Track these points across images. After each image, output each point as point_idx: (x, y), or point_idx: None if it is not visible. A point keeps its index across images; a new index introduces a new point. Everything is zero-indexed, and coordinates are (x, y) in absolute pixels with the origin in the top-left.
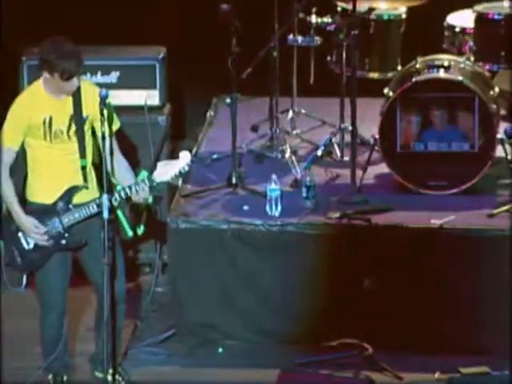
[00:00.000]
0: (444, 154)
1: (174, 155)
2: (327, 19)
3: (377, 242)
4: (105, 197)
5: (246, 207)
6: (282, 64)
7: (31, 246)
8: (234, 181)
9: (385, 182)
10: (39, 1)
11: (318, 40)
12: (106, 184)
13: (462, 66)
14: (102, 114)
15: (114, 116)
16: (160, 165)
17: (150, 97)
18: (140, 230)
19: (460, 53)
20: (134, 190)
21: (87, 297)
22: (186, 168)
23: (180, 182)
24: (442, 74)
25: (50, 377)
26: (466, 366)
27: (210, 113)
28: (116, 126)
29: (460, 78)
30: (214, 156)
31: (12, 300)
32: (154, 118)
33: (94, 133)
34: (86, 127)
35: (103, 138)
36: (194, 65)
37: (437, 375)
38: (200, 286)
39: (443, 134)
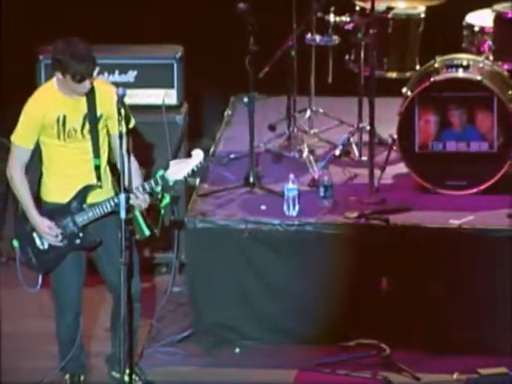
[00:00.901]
0: (463, 153)
1: (191, 154)
2: (345, 18)
3: (395, 242)
4: (122, 196)
5: (263, 207)
6: (299, 63)
7: (46, 246)
8: (251, 180)
9: (403, 182)
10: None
11: (336, 39)
12: (123, 183)
13: (481, 65)
14: (119, 114)
15: (128, 114)
16: (172, 163)
17: (167, 96)
18: (157, 230)
19: (479, 52)
20: (139, 191)
21: (103, 297)
22: (199, 166)
23: (197, 181)
24: (460, 73)
25: (67, 377)
26: (485, 367)
27: (227, 112)
28: (130, 124)
29: (479, 77)
30: (232, 155)
31: (28, 300)
32: (171, 117)
33: (108, 132)
34: (101, 126)
35: (120, 137)
36: (211, 64)
37: (455, 376)
38: (217, 285)
39: (462, 134)
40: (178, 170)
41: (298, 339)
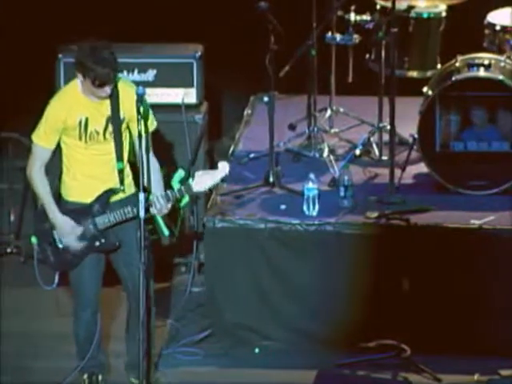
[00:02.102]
0: (484, 153)
1: (211, 154)
2: (366, 17)
3: (415, 242)
4: (141, 196)
5: (283, 206)
6: (320, 62)
7: (64, 245)
8: (271, 180)
9: (423, 182)
10: None
11: (356, 38)
12: (142, 183)
13: (503, 64)
14: (138, 113)
15: (151, 116)
16: (198, 174)
17: (187, 95)
18: (176, 231)
19: (500, 51)
20: (161, 199)
21: (122, 296)
22: (224, 178)
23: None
24: (481, 72)
25: (85, 377)
26: (506, 369)
27: (247, 111)
28: (152, 126)
29: (500, 76)
30: (251, 155)
31: (47, 299)
32: (191, 117)
33: (130, 133)
34: (123, 128)
35: (139, 136)
36: (231, 63)
37: (476, 377)
38: (236, 285)
39: (483, 134)
40: (203, 181)
41: (318, 340)
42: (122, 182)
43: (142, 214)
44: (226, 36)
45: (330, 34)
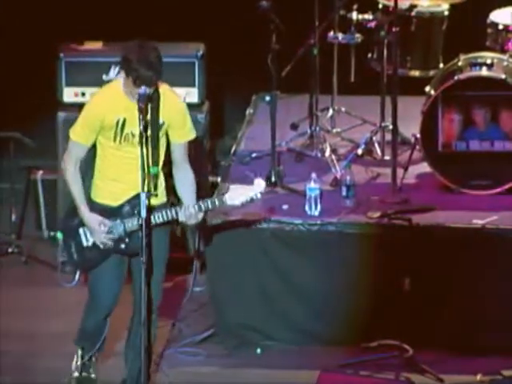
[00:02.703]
0: (486, 153)
1: (213, 153)
2: (368, 16)
3: (417, 241)
4: (143, 195)
5: (285, 206)
6: (322, 61)
7: (90, 243)
8: (273, 179)
9: (426, 182)
10: None
11: (358, 37)
12: (143, 182)
13: (505, 63)
14: (140, 112)
15: (190, 124)
16: (232, 188)
17: (188, 94)
18: (178, 231)
19: (503, 50)
20: (188, 208)
21: (129, 295)
22: (259, 196)
23: (219, 180)
24: (484, 71)
25: (80, 353)
26: (509, 369)
27: (249, 110)
28: (190, 135)
29: (503, 76)
30: (253, 154)
31: (47, 299)
32: (192, 116)
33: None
34: (161, 134)
35: (141, 136)
36: (233, 62)
37: (478, 377)
38: (239, 285)
39: (485, 133)
40: (237, 195)
41: (321, 340)
42: (155, 186)
43: (143, 213)
44: (228, 35)
45: (332, 33)
